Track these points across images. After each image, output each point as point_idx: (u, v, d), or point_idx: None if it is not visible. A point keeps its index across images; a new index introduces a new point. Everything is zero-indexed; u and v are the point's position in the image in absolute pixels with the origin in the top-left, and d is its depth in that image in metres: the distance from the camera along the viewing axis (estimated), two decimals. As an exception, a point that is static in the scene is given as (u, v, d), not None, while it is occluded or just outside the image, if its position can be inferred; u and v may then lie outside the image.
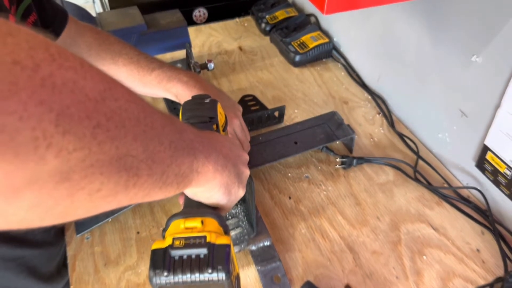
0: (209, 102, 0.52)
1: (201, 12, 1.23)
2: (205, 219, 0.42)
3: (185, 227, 0.41)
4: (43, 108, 0.22)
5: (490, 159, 0.65)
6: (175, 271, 0.37)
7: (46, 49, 0.23)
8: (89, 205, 0.27)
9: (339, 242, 0.64)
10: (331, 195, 0.71)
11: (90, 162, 0.25)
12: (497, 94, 0.61)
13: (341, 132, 0.76)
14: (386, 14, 0.83)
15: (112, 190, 0.28)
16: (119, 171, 0.27)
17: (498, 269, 0.61)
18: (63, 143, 0.23)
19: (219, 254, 0.38)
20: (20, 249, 0.53)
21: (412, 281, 0.59)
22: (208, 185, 0.41)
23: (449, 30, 0.68)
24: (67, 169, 0.24)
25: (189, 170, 0.36)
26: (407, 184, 0.73)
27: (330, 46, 1.02)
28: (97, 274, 0.60)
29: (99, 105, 0.25)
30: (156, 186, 0.32)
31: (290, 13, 1.13)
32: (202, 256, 0.38)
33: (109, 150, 0.26)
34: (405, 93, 0.84)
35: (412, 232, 0.66)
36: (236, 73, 0.99)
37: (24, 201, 0.23)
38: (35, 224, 0.26)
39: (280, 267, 0.60)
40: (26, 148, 0.21)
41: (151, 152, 0.30)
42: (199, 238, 0.39)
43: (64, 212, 0.26)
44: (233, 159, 0.44)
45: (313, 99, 0.92)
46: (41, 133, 0.22)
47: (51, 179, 0.23)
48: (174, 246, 0.38)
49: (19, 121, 0.21)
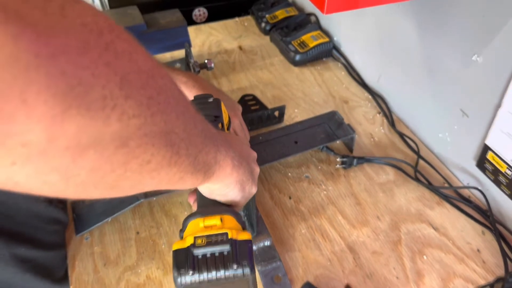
0: (213, 101, 0.52)
1: (201, 11, 1.23)
2: (223, 217, 0.42)
3: (204, 225, 0.41)
4: (109, 70, 0.23)
5: (491, 158, 0.65)
6: (200, 270, 0.37)
7: (106, 19, 0.24)
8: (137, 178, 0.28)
9: (339, 242, 0.64)
10: (331, 195, 0.71)
11: (144, 131, 0.26)
12: (498, 94, 0.60)
13: (342, 132, 0.76)
14: (387, 14, 0.83)
15: (159, 163, 0.29)
16: (166, 145, 0.29)
17: (499, 269, 0.61)
18: (125, 107, 0.24)
19: (242, 250, 0.38)
20: (34, 250, 0.54)
21: (413, 281, 0.59)
22: (226, 181, 0.41)
23: (450, 30, 0.67)
24: (126, 135, 0.25)
25: (214, 160, 0.38)
26: (408, 184, 0.73)
27: (330, 46, 1.01)
28: (96, 274, 0.60)
29: (150, 79, 0.27)
30: (189, 170, 0.33)
31: (290, 12, 1.12)
32: (225, 253, 0.38)
33: (159, 123, 0.27)
34: (406, 92, 0.84)
35: (413, 232, 0.65)
36: (236, 73, 0.99)
37: (87, 161, 0.24)
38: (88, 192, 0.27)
39: (280, 267, 0.60)
40: (96, 105, 0.22)
41: (189, 133, 0.32)
42: (221, 235, 0.39)
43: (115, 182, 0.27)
44: (246, 156, 0.45)
45: (313, 98, 0.91)
46: (108, 92, 0.23)
47: (112, 142, 0.24)
48: (196, 245, 0.38)
49: (92, 77, 0.22)
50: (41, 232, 0.56)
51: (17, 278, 0.53)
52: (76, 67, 0.21)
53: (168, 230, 0.65)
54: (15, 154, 0.21)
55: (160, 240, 0.64)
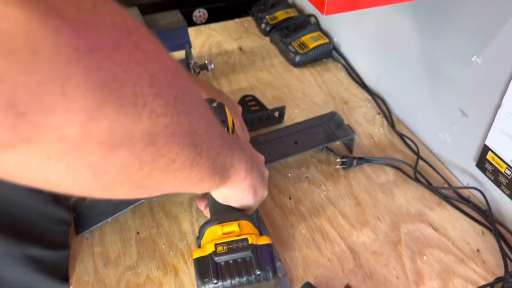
0: (217, 105, 0.52)
1: (201, 12, 1.23)
2: (241, 222, 0.42)
3: (223, 232, 0.41)
4: (140, 67, 0.23)
5: (491, 159, 0.65)
6: (223, 277, 0.38)
7: (132, 20, 0.25)
8: (161, 177, 0.29)
9: (339, 242, 0.64)
10: (331, 195, 0.71)
11: (171, 130, 0.27)
12: (498, 94, 0.61)
13: (341, 132, 0.76)
14: (386, 15, 0.83)
15: (183, 163, 0.29)
16: (190, 146, 0.29)
17: (499, 269, 0.61)
18: (154, 105, 0.24)
19: (264, 255, 0.39)
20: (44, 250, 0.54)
21: (412, 281, 0.59)
22: (241, 185, 0.42)
23: (449, 30, 0.68)
24: (155, 133, 0.25)
25: (230, 164, 0.38)
26: (407, 184, 0.73)
27: (330, 47, 1.02)
28: (97, 275, 0.60)
29: (175, 79, 0.27)
30: (208, 172, 0.34)
31: (290, 13, 1.13)
32: (247, 258, 0.38)
33: (185, 123, 0.28)
34: (405, 93, 0.84)
35: (412, 232, 0.66)
36: (236, 74, 0.99)
37: (118, 158, 0.24)
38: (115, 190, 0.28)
39: (280, 267, 0.60)
40: (129, 101, 0.23)
41: (210, 135, 0.32)
42: (241, 241, 0.40)
43: (141, 180, 0.28)
44: (256, 160, 0.46)
45: (313, 99, 0.91)
46: (139, 89, 0.23)
47: (142, 139, 0.25)
48: (218, 252, 0.39)
49: (125, 73, 0.22)
50: (50, 233, 0.57)
51: (27, 278, 0.53)
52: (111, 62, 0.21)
53: (168, 230, 0.65)
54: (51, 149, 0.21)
55: (160, 240, 0.64)
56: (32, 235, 0.54)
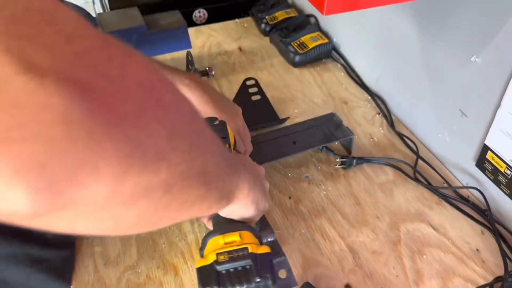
0: (219, 123, 0.54)
1: (201, 13, 1.23)
2: (242, 233, 0.44)
3: (224, 242, 0.42)
4: (160, 126, 0.24)
5: (490, 158, 0.65)
6: (224, 285, 0.39)
7: (156, 71, 0.25)
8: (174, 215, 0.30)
9: (339, 242, 0.64)
10: (331, 195, 0.71)
11: (186, 175, 0.27)
12: (497, 94, 0.61)
13: (340, 133, 0.76)
14: (386, 15, 0.83)
15: (194, 201, 0.30)
16: (200, 185, 0.30)
17: (498, 269, 0.61)
18: (172, 158, 0.25)
19: (263, 263, 0.40)
20: (47, 251, 0.54)
21: (412, 281, 0.59)
22: (244, 201, 0.43)
23: (449, 31, 0.68)
24: (172, 182, 0.26)
25: (235, 185, 0.39)
26: (407, 184, 0.73)
27: (330, 47, 1.02)
28: (97, 274, 0.60)
29: (191, 125, 0.28)
30: (215, 200, 0.35)
31: (290, 13, 1.13)
32: (248, 267, 0.39)
33: (197, 165, 0.29)
34: (405, 93, 0.84)
35: (412, 232, 0.66)
36: (236, 74, 0.99)
37: (137, 209, 0.25)
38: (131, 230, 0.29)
39: (285, 262, 0.60)
40: (150, 161, 0.23)
41: (219, 169, 0.33)
42: (241, 250, 0.41)
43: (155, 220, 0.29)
44: (257, 175, 0.48)
45: (313, 99, 0.92)
46: (160, 148, 0.24)
47: (159, 190, 0.25)
48: (219, 261, 0.40)
49: (148, 137, 0.23)
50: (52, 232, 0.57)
51: (33, 279, 0.53)
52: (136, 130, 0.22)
53: (168, 230, 0.65)
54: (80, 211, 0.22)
55: (160, 239, 0.64)
56: (34, 236, 0.54)
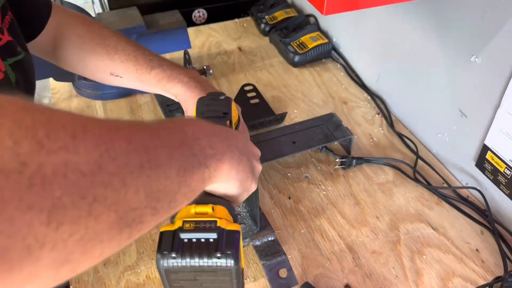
0: (224, 98, 0.53)
1: (200, 12, 1.23)
2: (215, 206, 0.42)
3: (195, 212, 0.40)
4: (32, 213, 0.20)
5: (490, 158, 0.65)
6: (183, 254, 0.37)
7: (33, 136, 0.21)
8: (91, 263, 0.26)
9: (338, 242, 0.64)
10: (330, 195, 0.71)
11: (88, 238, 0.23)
12: (497, 94, 0.61)
13: (340, 133, 0.76)
14: (386, 15, 0.83)
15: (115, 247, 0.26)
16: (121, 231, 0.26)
17: (498, 269, 0.61)
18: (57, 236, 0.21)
19: (229, 240, 0.38)
20: None
21: (412, 281, 0.59)
22: (225, 179, 0.41)
23: (448, 31, 0.68)
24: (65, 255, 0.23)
25: (201, 181, 0.37)
26: (407, 184, 0.73)
27: (329, 47, 1.02)
28: (96, 274, 0.60)
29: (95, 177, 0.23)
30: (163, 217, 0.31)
31: (290, 13, 1.13)
32: (211, 240, 0.37)
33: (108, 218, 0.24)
34: (405, 93, 0.84)
35: (412, 232, 0.66)
36: (236, 74, 0.99)
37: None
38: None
39: (285, 261, 0.60)
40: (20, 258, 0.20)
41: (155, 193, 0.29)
42: (209, 222, 0.39)
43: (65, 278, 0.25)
44: (247, 154, 0.45)
45: (313, 99, 0.92)
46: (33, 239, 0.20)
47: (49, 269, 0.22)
48: (184, 228, 0.38)
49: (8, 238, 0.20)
50: None
51: None
52: None
53: (168, 230, 0.65)
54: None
55: (160, 240, 0.64)
56: None
